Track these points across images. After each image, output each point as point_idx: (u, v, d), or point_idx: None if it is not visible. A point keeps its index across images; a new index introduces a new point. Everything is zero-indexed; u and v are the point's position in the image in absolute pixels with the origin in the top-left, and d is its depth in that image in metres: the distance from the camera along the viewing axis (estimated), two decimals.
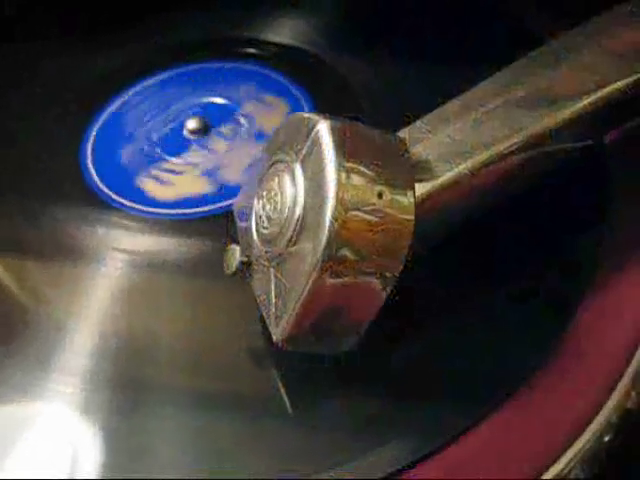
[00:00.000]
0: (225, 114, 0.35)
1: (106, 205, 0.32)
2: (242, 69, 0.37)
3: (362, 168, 0.23)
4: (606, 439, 0.24)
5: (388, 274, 0.23)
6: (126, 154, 0.34)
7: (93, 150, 0.34)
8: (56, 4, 0.41)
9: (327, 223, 0.22)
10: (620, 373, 0.25)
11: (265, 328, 0.25)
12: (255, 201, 0.25)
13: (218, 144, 0.34)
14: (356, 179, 0.22)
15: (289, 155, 0.24)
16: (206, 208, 0.31)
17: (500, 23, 0.37)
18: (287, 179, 0.24)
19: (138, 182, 0.32)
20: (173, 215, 0.31)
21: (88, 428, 0.25)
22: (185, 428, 0.25)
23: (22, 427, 0.25)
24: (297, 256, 0.23)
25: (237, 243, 0.26)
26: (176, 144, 0.34)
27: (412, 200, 0.23)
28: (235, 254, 0.26)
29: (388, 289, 0.23)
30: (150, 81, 0.37)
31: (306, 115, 0.24)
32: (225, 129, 0.34)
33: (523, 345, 0.26)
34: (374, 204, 0.22)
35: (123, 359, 0.27)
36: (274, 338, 0.24)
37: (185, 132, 0.34)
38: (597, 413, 0.24)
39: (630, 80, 0.27)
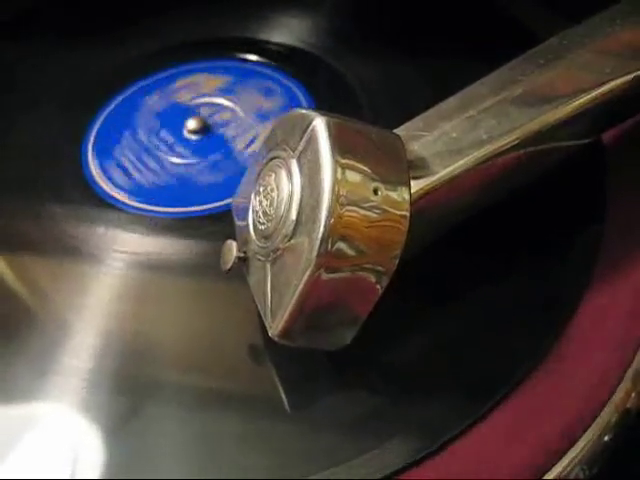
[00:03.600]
0: (225, 114, 0.35)
1: (107, 204, 0.32)
2: (242, 69, 0.37)
3: (358, 164, 0.23)
4: (606, 439, 0.24)
5: (384, 269, 0.23)
6: (127, 153, 0.34)
7: (94, 149, 0.34)
8: (57, 4, 0.41)
9: (323, 219, 0.22)
10: (620, 373, 0.25)
11: (264, 327, 0.25)
12: (252, 197, 0.26)
13: (218, 144, 0.34)
14: (352, 175, 0.22)
15: (286, 151, 0.24)
16: (206, 207, 0.31)
17: (498, 22, 0.37)
18: (283, 175, 0.24)
19: (138, 182, 0.33)
20: (174, 214, 0.31)
21: (89, 428, 0.25)
22: (183, 427, 0.25)
23: (24, 427, 0.25)
24: (293, 251, 0.23)
25: (235, 240, 0.27)
26: (176, 144, 0.34)
27: (407, 197, 0.23)
28: (232, 250, 0.26)
29: (384, 284, 0.23)
30: (150, 81, 0.37)
31: (303, 111, 0.24)
32: (225, 129, 0.34)
33: (522, 345, 0.26)
34: (370, 200, 0.22)
35: (123, 358, 0.27)
36: (270, 332, 0.24)
37: (185, 132, 0.34)
38: (597, 413, 0.24)
39: (627, 79, 0.27)
